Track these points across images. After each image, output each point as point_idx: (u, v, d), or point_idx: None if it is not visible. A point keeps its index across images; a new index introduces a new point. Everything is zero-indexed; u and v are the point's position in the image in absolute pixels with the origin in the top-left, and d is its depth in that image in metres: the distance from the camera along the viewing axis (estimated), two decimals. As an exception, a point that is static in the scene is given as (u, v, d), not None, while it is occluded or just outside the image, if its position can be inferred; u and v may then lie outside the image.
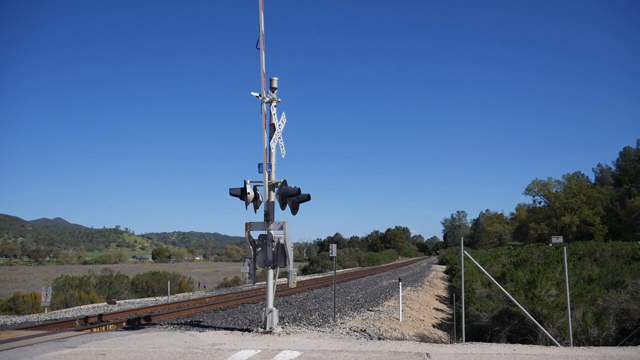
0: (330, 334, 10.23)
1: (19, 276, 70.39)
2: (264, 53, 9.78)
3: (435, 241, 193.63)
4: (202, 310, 15.59)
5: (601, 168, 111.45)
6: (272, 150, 10.49)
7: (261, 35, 9.76)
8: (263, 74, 9.82)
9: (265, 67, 9.84)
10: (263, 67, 9.81)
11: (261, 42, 9.73)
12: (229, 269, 79.71)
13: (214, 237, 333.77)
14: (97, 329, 12.12)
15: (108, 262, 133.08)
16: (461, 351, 7.93)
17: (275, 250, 10.09)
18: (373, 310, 15.46)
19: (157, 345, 8.60)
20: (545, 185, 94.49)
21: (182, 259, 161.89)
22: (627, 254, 22.31)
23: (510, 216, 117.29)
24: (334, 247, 14.28)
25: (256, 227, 10.13)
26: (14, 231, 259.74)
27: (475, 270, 17.75)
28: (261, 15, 9.71)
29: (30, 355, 7.73)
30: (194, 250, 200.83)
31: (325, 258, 53.12)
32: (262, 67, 9.81)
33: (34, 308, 21.83)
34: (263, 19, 9.78)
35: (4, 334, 10.76)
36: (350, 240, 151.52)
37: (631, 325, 10.57)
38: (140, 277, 33.95)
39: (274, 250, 10.08)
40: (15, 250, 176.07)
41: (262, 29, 9.79)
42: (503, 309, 11.63)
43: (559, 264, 14.96)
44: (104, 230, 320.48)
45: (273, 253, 10.08)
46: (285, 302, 17.28)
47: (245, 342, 8.86)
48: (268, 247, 10.12)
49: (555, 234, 75.09)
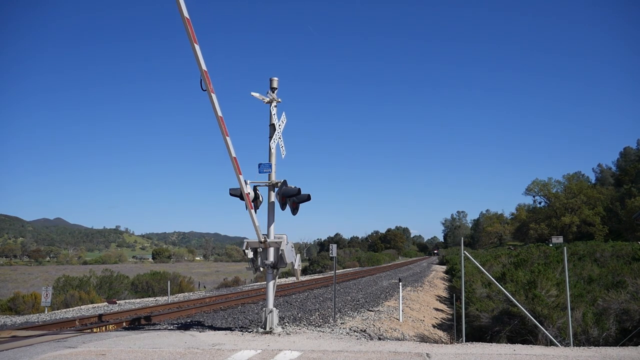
0: (330, 334, 10.23)
1: (19, 276, 70.39)
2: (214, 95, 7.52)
3: (436, 241, 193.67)
4: (202, 310, 15.59)
5: (601, 168, 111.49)
6: (272, 150, 10.49)
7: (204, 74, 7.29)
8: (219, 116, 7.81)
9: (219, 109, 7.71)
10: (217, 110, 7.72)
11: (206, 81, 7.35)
12: (229, 269, 79.70)
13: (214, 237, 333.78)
14: (97, 329, 12.12)
15: (108, 262, 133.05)
16: (461, 351, 7.92)
17: (275, 252, 10.08)
18: (373, 311, 15.46)
19: (157, 345, 8.60)
20: (546, 186, 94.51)
21: (182, 259, 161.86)
22: (627, 254, 22.30)
23: (511, 216, 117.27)
24: (334, 247, 14.28)
25: (253, 245, 9.95)
26: (14, 231, 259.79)
27: (475, 270, 17.75)
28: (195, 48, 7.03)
29: (30, 355, 7.72)
30: (194, 251, 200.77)
31: (326, 258, 53.12)
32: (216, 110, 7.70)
33: (34, 308, 21.82)
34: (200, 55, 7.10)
35: (4, 334, 10.76)
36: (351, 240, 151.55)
37: (631, 325, 10.56)
38: (141, 277, 33.94)
39: (274, 252, 10.07)
40: (15, 250, 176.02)
41: (203, 65, 7.24)
42: (503, 309, 11.62)
43: (559, 264, 14.96)
44: (104, 230, 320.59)
45: (273, 254, 10.08)
46: (285, 302, 17.27)
47: (245, 342, 8.86)
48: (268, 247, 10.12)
49: (555, 234, 75.07)
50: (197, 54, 7.06)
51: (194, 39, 6.93)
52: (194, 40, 6.93)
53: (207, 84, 7.30)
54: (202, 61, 7.16)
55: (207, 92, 7.45)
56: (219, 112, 7.71)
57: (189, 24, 6.80)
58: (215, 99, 7.55)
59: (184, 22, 6.79)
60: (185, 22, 6.79)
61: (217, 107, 7.65)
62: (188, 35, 6.88)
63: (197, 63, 7.17)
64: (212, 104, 7.58)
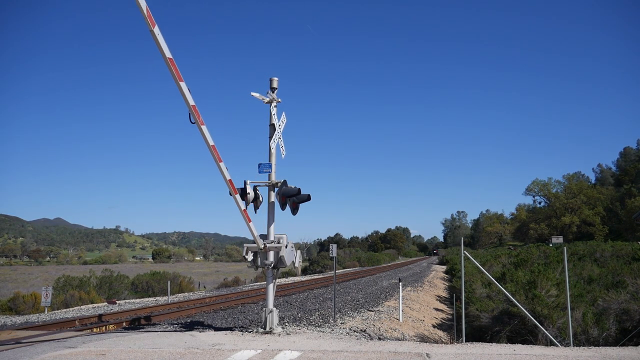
0: (330, 334, 10.23)
1: (19, 276, 70.38)
2: (204, 127, 7.64)
3: (436, 241, 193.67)
4: (202, 310, 15.59)
5: (601, 168, 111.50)
6: (272, 150, 10.49)
7: (191, 109, 7.32)
8: (210, 145, 7.93)
9: (210, 138, 7.87)
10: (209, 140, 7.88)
11: (194, 115, 7.38)
12: (229, 269, 79.69)
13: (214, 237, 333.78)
14: (97, 329, 12.12)
15: (108, 262, 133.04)
16: (461, 351, 7.92)
17: (275, 254, 10.09)
18: (373, 311, 15.46)
19: (157, 345, 8.60)
20: (546, 186, 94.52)
21: (182, 259, 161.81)
22: (627, 254, 22.31)
23: (511, 216, 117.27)
24: (334, 247, 14.28)
25: (253, 249, 10.03)
26: (14, 231, 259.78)
27: (475, 270, 17.75)
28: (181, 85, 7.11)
29: (30, 355, 7.72)
30: (194, 251, 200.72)
31: (326, 258, 53.09)
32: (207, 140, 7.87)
33: (34, 308, 21.81)
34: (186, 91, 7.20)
35: (4, 334, 10.75)
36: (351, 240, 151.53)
37: (631, 325, 10.56)
38: (141, 277, 33.95)
39: (274, 254, 10.08)
40: (15, 250, 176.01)
41: (191, 101, 7.30)
42: (503, 309, 11.62)
43: (559, 264, 14.96)
44: (104, 230, 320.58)
45: (273, 256, 10.09)
46: (285, 302, 17.27)
47: (245, 342, 8.86)
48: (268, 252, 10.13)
49: (555, 234, 75.06)
50: (183, 92, 7.17)
51: (178, 78, 7.03)
52: (179, 79, 7.03)
53: (196, 118, 7.40)
54: (189, 97, 7.26)
55: (196, 125, 7.54)
56: (210, 142, 7.84)
57: (172, 64, 6.91)
58: (205, 130, 7.69)
59: (167, 62, 6.88)
60: (168, 62, 6.88)
61: (207, 138, 7.80)
62: (172, 74, 6.98)
63: (184, 100, 7.27)
64: (202, 135, 7.72)
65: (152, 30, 6.57)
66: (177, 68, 6.99)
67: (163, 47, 6.79)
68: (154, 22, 6.54)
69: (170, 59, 6.91)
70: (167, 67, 6.96)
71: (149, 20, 6.45)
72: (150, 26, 6.53)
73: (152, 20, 6.50)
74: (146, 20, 6.45)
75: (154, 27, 6.57)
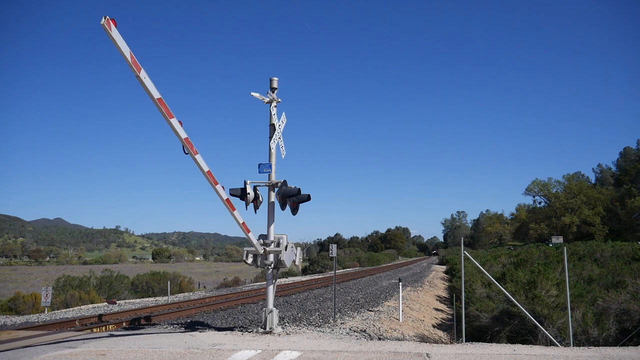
0: (330, 334, 10.23)
1: (19, 276, 70.35)
2: (197, 156, 7.71)
3: (436, 241, 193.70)
4: (202, 310, 15.59)
5: (601, 168, 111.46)
6: (272, 150, 10.50)
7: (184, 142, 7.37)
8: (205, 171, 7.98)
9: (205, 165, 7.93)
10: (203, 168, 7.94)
11: (187, 147, 7.47)
12: (229, 269, 79.65)
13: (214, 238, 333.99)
14: (97, 329, 12.12)
15: (108, 262, 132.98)
16: (461, 351, 7.93)
17: (275, 256, 10.11)
18: (373, 311, 15.46)
19: (157, 345, 8.60)
20: (546, 186, 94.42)
21: (182, 259, 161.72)
22: (627, 254, 22.31)
23: (511, 216, 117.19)
24: (334, 247, 14.27)
25: (253, 252, 10.07)
26: (14, 231, 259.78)
27: (475, 270, 17.74)
28: (171, 122, 7.14)
29: (30, 355, 7.73)
30: (194, 251, 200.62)
31: (325, 258, 53.07)
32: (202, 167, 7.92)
33: (34, 308, 21.80)
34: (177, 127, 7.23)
35: (4, 334, 10.75)
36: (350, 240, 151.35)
37: (631, 325, 10.56)
38: (141, 278, 33.93)
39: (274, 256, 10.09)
40: (15, 250, 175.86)
41: (183, 135, 7.34)
42: (503, 309, 11.62)
43: (559, 264, 14.96)
44: (104, 230, 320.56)
45: (273, 258, 10.10)
46: (285, 302, 17.27)
47: (245, 342, 8.86)
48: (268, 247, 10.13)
49: (555, 234, 75.06)
50: (174, 128, 7.22)
51: (169, 115, 7.05)
52: (169, 116, 7.06)
53: (189, 149, 7.49)
54: (180, 132, 7.31)
55: (190, 156, 7.62)
56: (205, 169, 7.93)
57: (161, 103, 6.92)
58: (199, 159, 7.77)
59: (156, 103, 6.89)
60: (156, 103, 6.89)
61: (202, 166, 7.88)
62: (162, 113, 7.00)
63: (176, 135, 7.31)
64: (197, 164, 7.82)
65: (137, 75, 6.49)
66: (166, 106, 6.98)
67: (151, 89, 6.76)
68: (139, 67, 6.48)
69: (159, 99, 6.88)
70: (156, 107, 6.92)
71: (134, 66, 6.38)
72: (135, 72, 6.46)
73: (138, 65, 6.44)
74: (131, 67, 6.38)
75: (140, 72, 6.50)
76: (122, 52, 6.24)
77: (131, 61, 6.36)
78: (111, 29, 6.03)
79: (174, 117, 7.17)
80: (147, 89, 6.73)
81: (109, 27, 6.00)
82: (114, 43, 6.11)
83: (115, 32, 6.09)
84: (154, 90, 6.82)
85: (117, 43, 6.14)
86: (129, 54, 6.32)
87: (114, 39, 6.09)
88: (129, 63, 6.35)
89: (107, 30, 5.98)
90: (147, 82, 6.68)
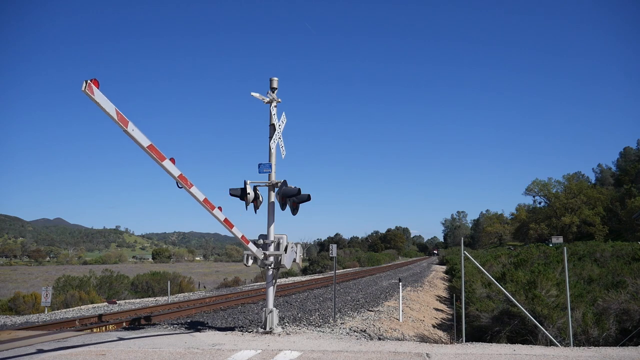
0: (330, 334, 10.23)
1: (19, 276, 70.35)
2: (192, 188, 7.78)
3: (436, 241, 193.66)
4: (202, 310, 15.59)
5: (601, 168, 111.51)
6: (272, 150, 10.50)
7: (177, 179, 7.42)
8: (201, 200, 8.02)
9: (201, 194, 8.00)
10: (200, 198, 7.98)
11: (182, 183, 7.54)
12: (229, 269, 79.66)
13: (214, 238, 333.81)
14: (97, 329, 12.12)
15: (108, 262, 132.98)
16: (461, 351, 7.93)
17: (275, 258, 10.11)
18: (373, 311, 15.46)
19: (157, 345, 8.60)
20: (546, 186, 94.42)
21: (182, 259, 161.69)
22: (627, 254, 22.30)
23: (511, 216, 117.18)
24: (334, 247, 14.27)
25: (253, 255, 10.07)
26: (14, 231, 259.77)
27: (475, 270, 17.74)
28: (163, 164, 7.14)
29: (30, 356, 7.73)
30: (194, 251, 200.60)
31: (325, 258, 53.05)
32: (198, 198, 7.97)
33: (34, 308, 21.80)
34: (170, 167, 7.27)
35: (4, 334, 10.75)
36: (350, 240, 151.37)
37: (631, 325, 10.56)
38: (141, 278, 33.93)
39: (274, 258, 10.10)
40: (15, 250, 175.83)
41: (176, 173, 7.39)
42: (503, 309, 11.62)
43: (559, 264, 14.96)
44: (104, 230, 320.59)
45: (274, 259, 10.10)
46: (285, 302, 17.28)
47: (245, 342, 8.86)
48: (269, 247, 10.13)
49: (555, 234, 75.06)
50: (166, 169, 7.25)
51: (160, 159, 7.06)
52: (161, 159, 7.06)
53: (183, 184, 7.54)
54: (173, 171, 7.33)
55: (184, 189, 7.68)
56: (201, 198, 7.98)
57: (151, 150, 6.89)
58: (194, 191, 7.80)
59: (146, 151, 6.87)
60: (147, 151, 6.86)
61: (198, 196, 7.94)
62: (154, 159, 7.00)
63: (169, 175, 7.34)
64: (193, 196, 7.87)
65: (125, 130, 6.41)
66: (157, 151, 6.96)
67: (141, 140, 6.70)
68: (126, 122, 6.40)
69: (149, 145, 6.83)
70: (147, 154, 6.89)
71: (120, 123, 6.30)
72: (123, 127, 6.38)
73: (125, 120, 6.36)
74: (118, 124, 6.29)
75: (128, 127, 6.42)
76: (107, 113, 6.11)
77: (117, 118, 6.23)
78: (94, 93, 5.84)
79: (166, 158, 7.14)
80: (137, 141, 6.65)
81: (91, 93, 5.80)
82: (98, 106, 5.95)
83: (98, 95, 5.91)
84: (144, 139, 6.74)
85: (101, 106, 5.99)
86: (115, 112, 6.18)
87: (98, 103, 5.93)
88: (116, 121, 6.22)
89: (90, 96, 5.80)
90: (136, 134, 6.59)
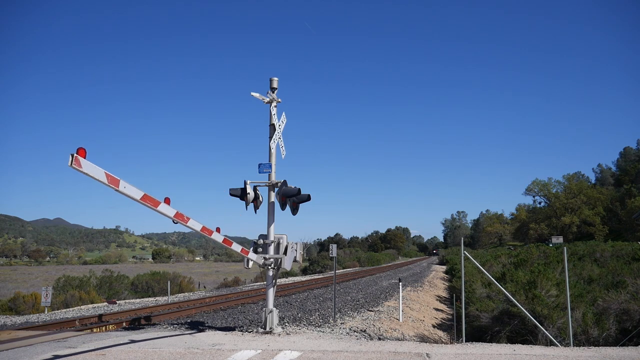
0: (330, 334, 10.23)
1: (19, 276, 70.37)
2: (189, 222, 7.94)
3: (436, 241, 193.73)
4: (202, 310, 15.59)
5: (601, 168, 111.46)
6: (272, 150, 10.50)
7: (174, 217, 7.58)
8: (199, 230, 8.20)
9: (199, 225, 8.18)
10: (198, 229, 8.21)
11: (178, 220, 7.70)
12: (229, 269, 79.66)
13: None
14: (97, 329, 12.12)
15: (108, 262, 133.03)
16: (461, 351, 7.93)
17: (275, 259, 10.11)
18: (373, 311, 15.46)
19: (157, 345, 8.60)
20: (546, 186, 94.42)
21: (182, 259, 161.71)
22: (627, 254, 22.30)
23: (511, 216, 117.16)
24: (334, 247, 14.28)
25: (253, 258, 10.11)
26: (14, 231, 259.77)
27: (475, 270, 17.75)
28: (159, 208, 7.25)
29: (30, 356, 7.73)
30: (194, 251, 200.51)
31: (325, 258, 53.07)
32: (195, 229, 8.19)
33: (34, 308, 21.81)
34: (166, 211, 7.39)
35: (4, 334, 10.75)
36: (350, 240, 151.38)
37: (631, 325, 10.57)
38: (141, 278, 33.95)
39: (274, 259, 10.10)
40: (15, 250, 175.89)
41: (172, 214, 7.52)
42: (503, 309, 11.62)
43: (559, 264, 14.96)
44: (104, 230, 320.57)
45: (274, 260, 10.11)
46: (285, 302, 17.28)
47: (245, 342, 8.86)
48: (269, 247, 10.14)
49: (555, 234, 75.05)
50: (163, 213, 7.33)
51: (154, 205, 7.10)
52: (155, 205, 7.11)
53: (179, 221, 7.67)
54: (169, 212, 7.41)
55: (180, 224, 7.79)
56: (198, 229, 8.12)
57: (145, 200, 6.92)
58: (192, 224, 7.93)
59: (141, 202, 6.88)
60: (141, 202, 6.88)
61: (195, 227, 8.07)
62: (148, 207, 7.04)
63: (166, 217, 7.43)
64: (191, 229, 8.04)
65: (117, 190, 6.42)
66: (151, 198, 6.98)
67: (133, 195, 6.70)
68: (117, 181, 6.38)
69: (143, 196, 6.83)
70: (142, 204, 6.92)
71: (112, 185, 6.30)
72: (114, 188, 6.37)
73: (115, 180, 6.35)
74: (110, 187, 6.29)
75: (119, 186, 6.42)
76: (98, 180, 6.10)
77: (108, 181, 6.21)
78: (82, 166, 5.79)
79: (160, 202, 7.16)
80: (131, 197, 6.66)
81: (79, 166, 5.74)
82: (87, 176, 5.95)
83: (86, 165, 5.86)
84: (136, 192, 6.73)
85: (91, 176, 5.99)
86: (104, 176, 6.17)
87: (87, 174, 5.92)
88: (107, 184, 6.22)
89: (78, 170, 5.77)
90: (128, 190, 6.59)
